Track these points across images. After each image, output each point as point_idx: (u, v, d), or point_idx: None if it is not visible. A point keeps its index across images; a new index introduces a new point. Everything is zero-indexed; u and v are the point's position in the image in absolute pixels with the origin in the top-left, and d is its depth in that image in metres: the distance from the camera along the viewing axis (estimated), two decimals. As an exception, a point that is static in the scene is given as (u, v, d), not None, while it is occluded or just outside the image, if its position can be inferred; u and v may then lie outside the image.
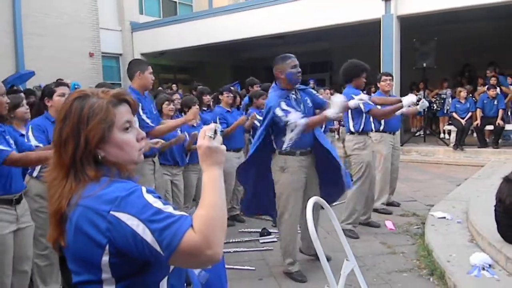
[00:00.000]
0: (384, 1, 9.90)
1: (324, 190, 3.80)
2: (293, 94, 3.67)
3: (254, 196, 3.99)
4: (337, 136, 8.23)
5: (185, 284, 1.30)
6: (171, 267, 1.19)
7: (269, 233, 4.82)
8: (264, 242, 4.62)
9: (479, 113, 9.33)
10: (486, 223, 3.81)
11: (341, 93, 4.86)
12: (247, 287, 3.60)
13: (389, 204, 5.76)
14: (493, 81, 9.80)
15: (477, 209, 4.52)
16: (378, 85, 5.55)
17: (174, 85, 11.50)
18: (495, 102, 9.31)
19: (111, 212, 1.06)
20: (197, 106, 4.92)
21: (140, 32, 14.62)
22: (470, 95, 10.23)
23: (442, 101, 11.24)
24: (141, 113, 3.75)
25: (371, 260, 4.03)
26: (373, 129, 5.23)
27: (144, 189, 1.12)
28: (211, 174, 1.18)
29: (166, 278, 1.18)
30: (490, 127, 9.42)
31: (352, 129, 4.78)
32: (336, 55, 13.42)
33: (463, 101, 9.66)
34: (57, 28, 12.08)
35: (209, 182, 1.17)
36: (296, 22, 11.22)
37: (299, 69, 3.66)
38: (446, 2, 9.26)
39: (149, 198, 1.09)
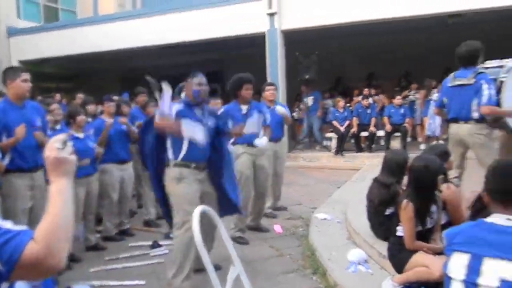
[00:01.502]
0: (268, 16, 10.38)
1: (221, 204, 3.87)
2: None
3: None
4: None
5: None
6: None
7: (160, 246, 4.77)
8: (154, 255, 4.57)
9: (355, 121, 10.18)
10: (361, 221, 4.16)
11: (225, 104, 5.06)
12: (137, 302, 3.54)
13: (276, 208, 6.03)
14: (366, 92, 10.78)
15: (353, 209, 4.91)
16: (263, 94, 5.79)
17: (57, 94, 10.77)
18: (369, 111, 10.26)
19: None
20: (83, 116, 4.72)
21: (18, 38, 13.45)
22: (348, 104, 11.14)
23: (325, 110, 12.02)
24: None
25: (261, 264, 4.19)
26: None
27: None
28: (58, 185, 1.19)
29: None
30: (365, 134, 10.32)
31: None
32: (228, 65, 13.69)
33: (341, 110, 10.48)
34: None
35: (56, 193, 1.18)
36: (185, 32, 11.23)
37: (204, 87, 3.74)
38: (323, 19, 9.98)
39: None
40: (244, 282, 2.39)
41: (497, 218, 1.89)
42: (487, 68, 4.63)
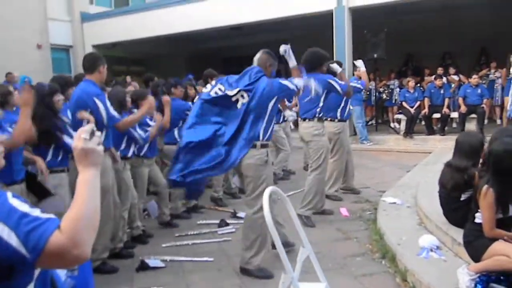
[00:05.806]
0: (336, -7, 10.11)
1: None
2: None
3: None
4: (293, 127, 8.33)
5: None
6: (36, 273, 1.19)
7: (227, 224, 4.87)
8: (222, 233, 4.67)
9: (427, 102, 9.72)
10: (434, 206, 3.99)
11: None
12: (206, 278, 3.64)
13: (350, 189, 6.02)
14: (439, 71, 10.23)
15: (425, 193, 4.73)
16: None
17: (128, 77, 11.26)
18: (442, 91, 9.73)
19: None
20: (152, 97, 4.85)
21: (91, 23, 14.17)
22: (418, 84, 10.65)
23: (390, 91, 11.58)
24: (108, 105, 3.73)
25: (327, 246, 4.15)
26: (337, 118, 5.41)
27: (9, 194, 1.12)
28: (85, 175, 1.21)
29: (32, 284, 1.19)
30: (437, 115, 9.84)
31: (313, 115, 4.81)
32: (292, 46, 13.57)
33: (411, 91, 10.03)
34: (1, 18, 11.51)
35: (82, 182, 1.19)
36: (251, 13, 11.25)
37: None
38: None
39: (14, 202, 1.10)
40: (314, 263, 2.38)
41: None
42: None
